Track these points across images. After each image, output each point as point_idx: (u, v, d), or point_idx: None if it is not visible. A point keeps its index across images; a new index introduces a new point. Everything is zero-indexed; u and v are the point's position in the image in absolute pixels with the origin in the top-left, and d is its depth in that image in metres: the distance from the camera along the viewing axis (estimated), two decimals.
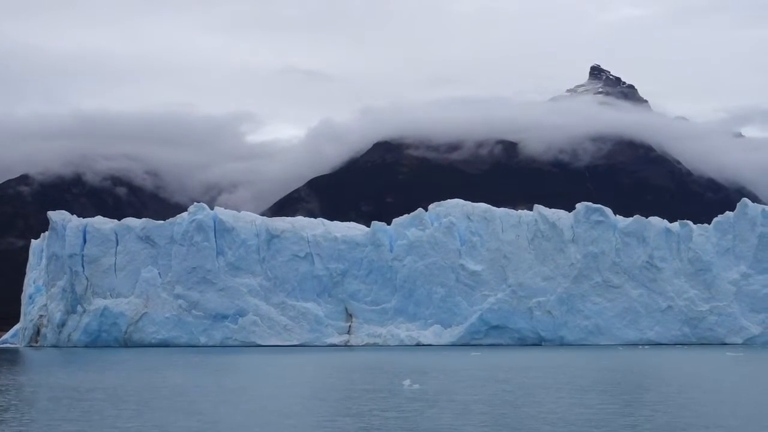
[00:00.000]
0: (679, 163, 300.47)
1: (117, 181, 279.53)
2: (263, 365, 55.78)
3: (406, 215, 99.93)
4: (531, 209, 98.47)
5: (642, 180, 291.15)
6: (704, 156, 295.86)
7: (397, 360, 60.56)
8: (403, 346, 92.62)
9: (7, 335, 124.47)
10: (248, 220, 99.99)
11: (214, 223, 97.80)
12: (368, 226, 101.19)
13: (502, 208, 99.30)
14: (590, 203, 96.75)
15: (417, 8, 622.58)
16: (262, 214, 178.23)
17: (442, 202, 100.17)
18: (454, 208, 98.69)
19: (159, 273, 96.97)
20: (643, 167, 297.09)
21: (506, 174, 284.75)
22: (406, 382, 35.05)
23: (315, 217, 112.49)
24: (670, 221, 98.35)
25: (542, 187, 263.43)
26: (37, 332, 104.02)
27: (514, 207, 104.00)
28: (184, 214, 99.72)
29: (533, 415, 24.92)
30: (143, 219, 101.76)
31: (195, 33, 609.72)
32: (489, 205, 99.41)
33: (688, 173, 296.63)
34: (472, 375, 42.63)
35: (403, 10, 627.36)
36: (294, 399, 30.59)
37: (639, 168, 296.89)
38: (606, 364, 52.23)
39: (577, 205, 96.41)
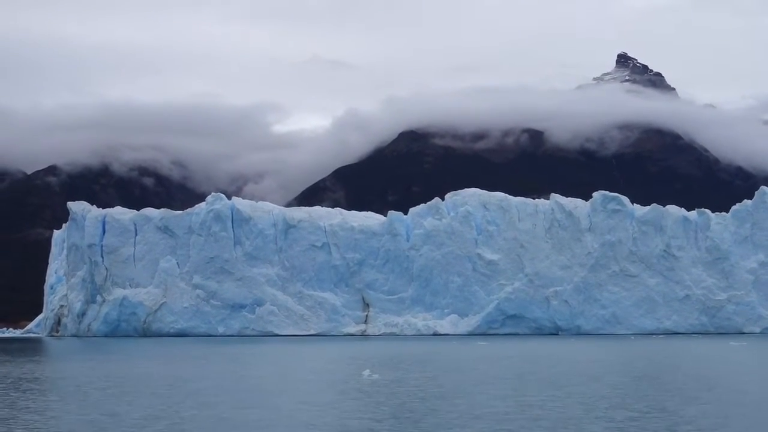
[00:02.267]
0: (706, 151, 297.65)
1: (143, 171, 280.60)
2: (252, 355, 55.69)
3: (422, 204, 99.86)
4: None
5: (669, 168, 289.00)
6: (732, 144, 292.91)
7: (392, 350, 60.89)
8: (419, 336, 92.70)
9: (31, 325, 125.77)
10: (266, 210, 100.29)
11: (232, 213, 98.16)
12: None
13: (518, 197, 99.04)
14: (607, 192, 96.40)
15: None
16: (288, 204, 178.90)
17: (458, 191, 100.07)
18: (470, 197, 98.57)
19: (177, 263, 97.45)
20: (670, 155, 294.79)
21: (532, 163, 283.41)
22: (366, 372, 35.30)
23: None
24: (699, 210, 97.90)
25: (569, 176, 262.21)
26: (58, 322, 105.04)
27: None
28: (202, 204, 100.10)
29: (450, 408, 24.60)
30: (162, 209, 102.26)
31: (221, 23, 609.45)
32: (506, 194, 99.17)
33: (716, 161, 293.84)
34: (444, 366, 42.41)
35: None
36: (234, 389, 30.57)
37: (666, 156, 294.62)
38: (595, 355, 51.89)
39: (594, 194, 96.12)
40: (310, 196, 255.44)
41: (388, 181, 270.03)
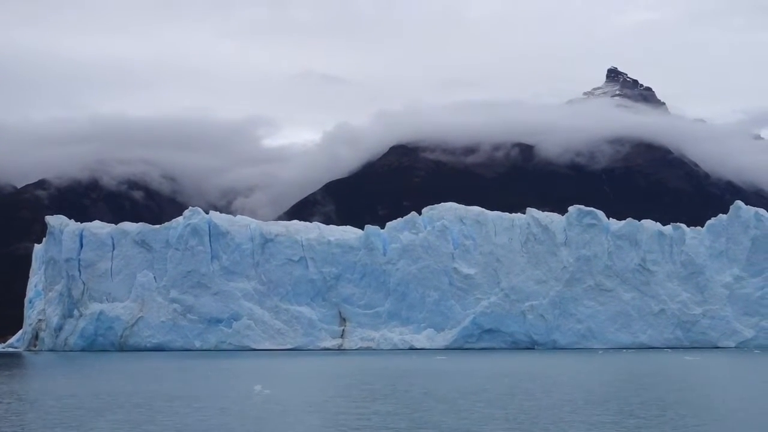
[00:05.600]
0: (696, 165, 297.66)
1: (133, 185, 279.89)
2: (186, 370, 56.29)
3: (399, 219, 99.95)
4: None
5: (659, 183, 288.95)
6: (722, 158, 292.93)
7: (338, 365, 61.62)
8: (395, 350, 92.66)
9: (12, 339, 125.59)
10: (243, 224, 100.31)
11: (209, 227, 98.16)
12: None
13: (495, 212, 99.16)
14: (582, 206, 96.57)
15: (432, 12, 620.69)
16: (279, 218, 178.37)
17: (435, 205, 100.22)
18: (447, 211, 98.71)
19: (154, 277, 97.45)
20: (660, 170, 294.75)
21: (522, 177, 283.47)
22: (257, 388, 35.58)
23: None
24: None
25: (559, 190, 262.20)
26: (36, 336, 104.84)
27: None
28: (180, 218, 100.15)
29: (280, 422, 25.10)
30: (139, 223, 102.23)
31: (212, 38, 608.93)
32: (482, 209, 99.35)
33: (706, 176, 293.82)
34: (357, 381, 43.01)
35: (418, 14, 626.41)
36: (92, 405, 31.08)
37: (656, 171, 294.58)
38: (533, 370, 52.03)
39: (570, 208, 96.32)
40: (301, 210, 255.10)
41: (378, 195, 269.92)
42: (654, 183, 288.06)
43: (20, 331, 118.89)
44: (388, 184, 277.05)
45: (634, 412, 27.61)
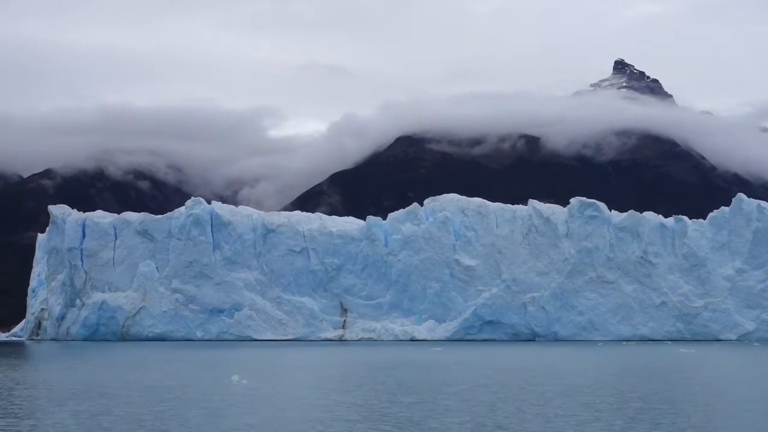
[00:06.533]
0: (703, 158, 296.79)
1: (139, 175, 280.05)
2: (174, 360, 56.69)
3: (401, 210, 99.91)
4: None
5: (666, 175, 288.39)
6: (729, 151, 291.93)
7: (327, 356, 61.71)
8: (397, 341, 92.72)
9: (16, 328, 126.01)
10: (245, 215, 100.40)
11: (211, 217, 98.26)
12: None
13: (497, 203, 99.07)
14: (584, 198, 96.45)
15: (439, 3, 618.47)
16: (284, 209, 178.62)
17: (437, 196, 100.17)
18: (449, 202, 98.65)
19: (156, 267, 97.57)
20: (667, 162, 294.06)
21: (529, 168, 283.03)
22: (235, 378, 35.81)
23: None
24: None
25: (565, 182, 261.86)
26: (38, 325, 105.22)
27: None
28: (182, 208, 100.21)
29: (266, 413, 25.46)
30: (141, 213, 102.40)
31: (218, 29, 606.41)
32: (484, 200, 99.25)
33: (713, 168, 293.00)
34: (334, 372, 43.38)
35: (424, 5, 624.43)
36: (92, 393, 31.42)
37: (663, 163, 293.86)
38: (523, 362, 52.03)
39: (571, 200, 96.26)
40: (306, 200, 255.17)
41: (384, 186, 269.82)
42: (660, 175, 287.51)
43: (23, 321, 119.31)
44: (393, 175, 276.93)
45: (597, 404, 27.62)
